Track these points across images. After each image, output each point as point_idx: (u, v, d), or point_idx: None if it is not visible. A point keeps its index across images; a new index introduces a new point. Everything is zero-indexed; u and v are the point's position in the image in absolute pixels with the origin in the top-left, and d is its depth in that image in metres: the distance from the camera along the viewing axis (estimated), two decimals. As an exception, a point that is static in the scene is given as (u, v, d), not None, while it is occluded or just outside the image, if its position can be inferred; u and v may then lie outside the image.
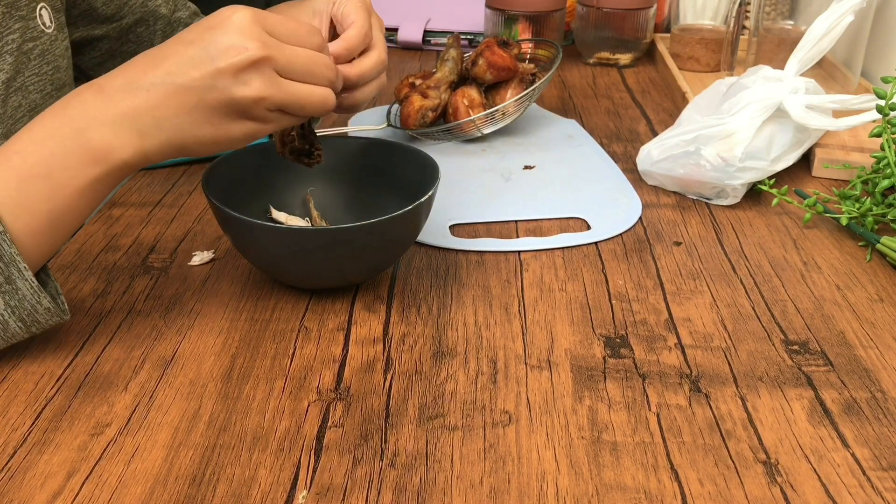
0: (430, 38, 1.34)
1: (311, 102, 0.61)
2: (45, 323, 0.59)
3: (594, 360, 0.62)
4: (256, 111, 0.59)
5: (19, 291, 0.57)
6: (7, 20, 0.76)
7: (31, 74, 0.78)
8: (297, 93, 0.60)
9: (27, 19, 0.78)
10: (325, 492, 0.50)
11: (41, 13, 0.79)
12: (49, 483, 0.51)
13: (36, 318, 0.59)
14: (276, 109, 0.60)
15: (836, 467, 0.52)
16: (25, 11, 0.78)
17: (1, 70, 0.75)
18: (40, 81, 0.80)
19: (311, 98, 0.60)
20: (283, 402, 0.57)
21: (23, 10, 0.78)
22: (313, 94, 0.60)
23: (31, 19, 0.78)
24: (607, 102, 1.13)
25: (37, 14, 0.78)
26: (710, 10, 1.21)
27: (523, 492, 0.50)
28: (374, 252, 0.67)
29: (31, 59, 0.78)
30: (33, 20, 0.78)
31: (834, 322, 0.66)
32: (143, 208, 0.83)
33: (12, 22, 0.76)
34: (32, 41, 0.78)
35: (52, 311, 0.59)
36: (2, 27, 0.75)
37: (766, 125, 0.84)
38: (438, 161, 0.71)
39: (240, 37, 0.57)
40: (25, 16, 0.78)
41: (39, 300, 0.58)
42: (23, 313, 0.58)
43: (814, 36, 0.87)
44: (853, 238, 0.79)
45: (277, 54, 0.58)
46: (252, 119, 0.59)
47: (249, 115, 0.59)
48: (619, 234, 0.79)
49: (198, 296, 0.69)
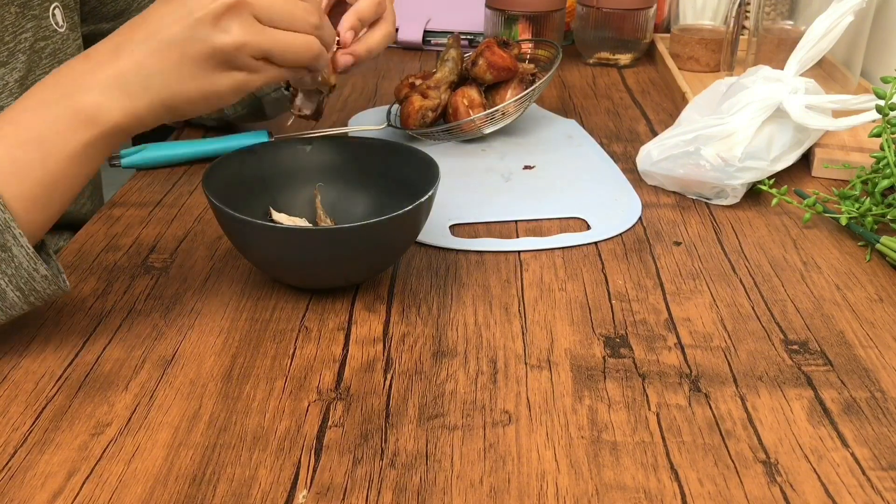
0: (430, 38, 1.34)
1: (294, 48, 0.60)
2: (42, 292, 0.59)
3: (594, 360, 0.62)
4: (240, 59, 0.58)
5: (15, 259, 0.57)
6: (21, 19, 0.76)
7: (42, 73, 0.79)
8: (280, 38, 0.59)
9: (40, 18, 0.78)
10: (325, 491, 0.50)
11: (54, 13, 0.79)
12: (49, 483, 0.51)
13: (34, 287, 0.58)
14: (260, 57, 0.59)
15: (835, 467, 0.52)
16: (38, 11, 0.78)
17: (14, 69, 0.75)
18: None
19: (293, 44, 0.60)
20: (283, 402, 0.57)
21: (36, 9, 0.78)
22: (296, 39, 0.60)
23: (44, 18, 0.79)
24: (607, 102, 1.13)
25: (50, 13, 0.79)
26: (709, 10, 1.21)
27: (523, 491, 0.50)
28: (374, 252, 0.67)
29: (42, 57, 0.79)
30: (46, 19, 0.79)
31: (834, 322, 0.66)
32: (144, 208, 0.83)
33: (25, 21, 0.77)
34: (45, 40, 0.79)
35: (50, 279, 0.58)
36: (15, 26, 0.75)
37: (765, 125, 0.84)
38: (438, 161, 0.71)
39: None
40: (38, 15, 0.78)
41: (36, 267, 0.57)
42: (20, 281, 0.57)
43: (813, 36, 0.87)
44: (853, 238, 0.79)
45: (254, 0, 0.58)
46: (238, 69, 0.59)
47: (234, 65, 0.59)
48: (618, 234, 0.79)
49: (198, 296, 0.69)
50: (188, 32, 0.57)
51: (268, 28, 0.59)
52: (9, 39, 0.75)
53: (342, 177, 0.76)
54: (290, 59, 0.61)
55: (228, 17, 0.57)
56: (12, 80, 0.75)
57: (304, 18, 0.61)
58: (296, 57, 0.61)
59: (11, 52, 0.75)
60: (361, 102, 1.11)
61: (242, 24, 0.57)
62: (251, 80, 0.60)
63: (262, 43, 0.58)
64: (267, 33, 0.59)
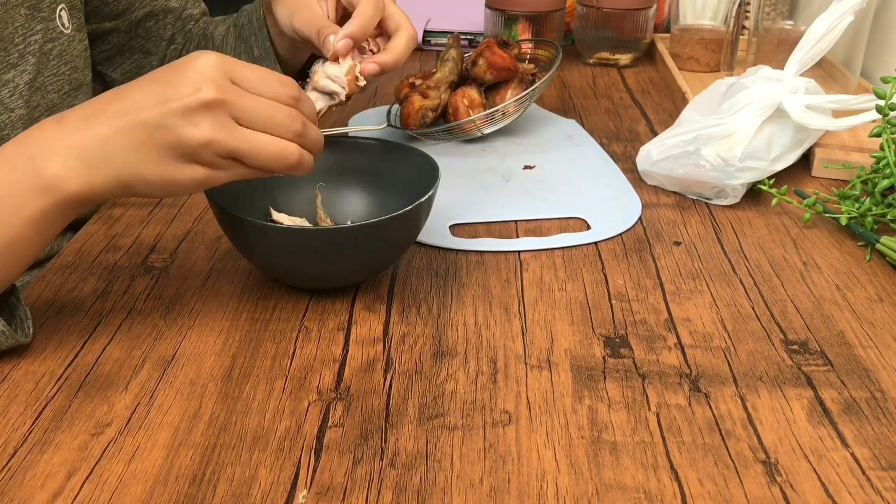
0: (430, 38, 1.34)
1: (266, 153, 0.58)
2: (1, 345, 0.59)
3: (594, 360, 0.62)
4: (205, 155, 0.57)
5: None
6: (30, 22, 0.76)
7: (50, 75, 0.79)
8: (252, 141, 0.57)
9: (48, 20, 0.78)
10: (325, 491, 0.50)
11: (60, 14, 0.79)
12: (49, 483, 0.51)
13: None
14: (227, 156, 0.57)
15: (835, 467, 0.52)
16: (47, 13, 0.78)
17: (24, 71, 0.76)
18: (58, 81, 0.80)
19: (266, 148, 0.57)
20: (283, 402, 0.57)
21: (44, 11, 0.78)
22: (270, 144, 0.58)
23: (52, 20, 0.79)
24: (607, 102, 1.13)
25: (57, 15, 0.79)
26: (709, 10, 1.21)
27: (523, 491, 0.50)
28: (374, 252, 0.67)
29: (50, 59, 0.79)
30: (53, 21, 0.79)
31: (833, 322, 0.66)
32: (144, 208, 0.83)
33: (35, 23, 0.77)
34: (52, 42, 0.79)
35: (7, 334, 0.59)
36: (25, 28, 0.75)
37: (765, 125, 0.84)
38: (438, 161, 0.71)
39: (198, 79, 0.56)
40: (47, 17, 0.78)
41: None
42: None
43: (813, 36, 0.87)
44: (853, 238, 0.79)
45: (234, 99, 0.56)
46: (201, 164, 0.57)
47: (198, 159, 0.57)
48: (618, 234, 0.79)
49: (198, 296, 0.69)
50: (158, 119, 0.56)
51: (241, 128, 0.57)
52: (19, 41, 0.75)
53: (342, 177, 0.76)
54: (262, 164, 0.58)
55: (202, 113, 0.55)
56: (22, 83, 0.75)
57: (285, 124, 0.58)
58: (268, 162, 0.58)
59: (21, 55, 0.75)
60: (361, 102, 1.11)
61: (214, 122, 0.56)
62: (214, 175, 0.58)
63: (230, 143, 0.56)
64: (238, 134, 0.56)
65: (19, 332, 0.60)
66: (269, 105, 0.58)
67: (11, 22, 0.74)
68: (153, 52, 0.98)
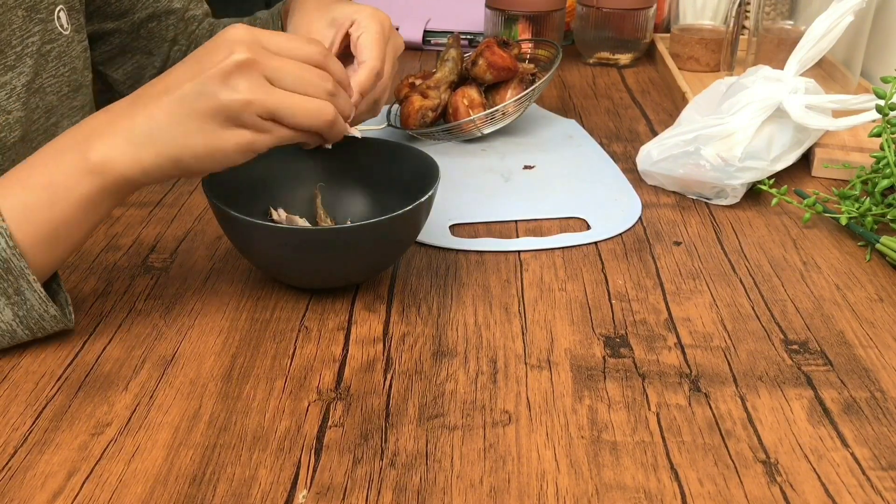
0: (430, 38, 1.34)
1: (304, 110, 0.61)
2: (49, 329, 0.61)
3: (594, 360, 0.62)
4: (247, 117, 0.59)
5: (28, 302, 0.59)
6: (28, 23, 0.76)
7: (49, 76, 0.79)
8: (288, 99, 0.60)
9: (46, 21, 0.78)
10: (325, 491, 0.50)
11: (59, 15, 0.79)
12: (49, 483, 0.51)
13: (42, 326, 0.60)
14: (267, 117, 0.60)
15: (835, 467, 0.52)
16: (45, 14, 0.78)
17: (22, 73, 0.75)
18: (57, 83, 0.80)
19: (303, 105, 0.61)
20: (283, 402, 0.57)
21: (42, 12, 0.78)
22: (308, 103, 0.61)
23: (50, 21, 0.79)
24: (607, 102, 1.13)
25: (55, 16, 0.79)
26: (709, 10, 1.21)
27: (523, 491, 0.50)
28: (374, 252, 0.67)
29: (48, 60, 0.79)
30: (52, 22, 0.79)
31: (833, 322, 0.66)
32: (144, 208, 0.83)
33: (33, 25, 0.77)
34: (50, 43, 0.79)
35: (58, 318, 0.60)
36: (23, 30, 0.75)
37: (765, 125, 0.84)
38: (438, 161, 0.71)
39: (230, 45, 0.59)
40: (45, 18, 0.78)
41: (47, 309, 0.59)
42: (30, 322, 0.60)
43: (813, 36, 0.87)
44: (853, 238, 0.79)
45: (265, 59, 0.59)
46: (245, 126, 0.60)
47: (241, 123, 0.59)
48: (618, 234, 0.79)
49: (198, 296, 0.69)
50: (198, 88, 0.58)
51: (277, 89, 0.60)
52: (16, 43, 0.75)
53: (342, 177, 0.76)
54: (300, 122, 0.61)
55: (238, 75, 0.58)
56: (20, 85, 0.75)
57: (317, 83, 0.62)
58: (306, 120, 0.61)
59: (19, 56, 0.75)
60: (361, 102, 1.11)
61: (251, 83, 0.59)
62: (258, 139, 0.61)
63: (269, 102, 0.59)
64: (275, 94, 0.60)
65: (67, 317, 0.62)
66: (299, 66, 0.61)
67: (8, 24, 0.74)
68: (155, 52, 0.98)
